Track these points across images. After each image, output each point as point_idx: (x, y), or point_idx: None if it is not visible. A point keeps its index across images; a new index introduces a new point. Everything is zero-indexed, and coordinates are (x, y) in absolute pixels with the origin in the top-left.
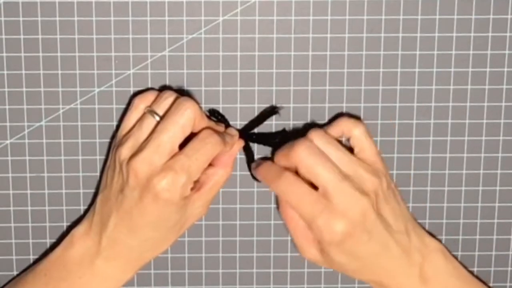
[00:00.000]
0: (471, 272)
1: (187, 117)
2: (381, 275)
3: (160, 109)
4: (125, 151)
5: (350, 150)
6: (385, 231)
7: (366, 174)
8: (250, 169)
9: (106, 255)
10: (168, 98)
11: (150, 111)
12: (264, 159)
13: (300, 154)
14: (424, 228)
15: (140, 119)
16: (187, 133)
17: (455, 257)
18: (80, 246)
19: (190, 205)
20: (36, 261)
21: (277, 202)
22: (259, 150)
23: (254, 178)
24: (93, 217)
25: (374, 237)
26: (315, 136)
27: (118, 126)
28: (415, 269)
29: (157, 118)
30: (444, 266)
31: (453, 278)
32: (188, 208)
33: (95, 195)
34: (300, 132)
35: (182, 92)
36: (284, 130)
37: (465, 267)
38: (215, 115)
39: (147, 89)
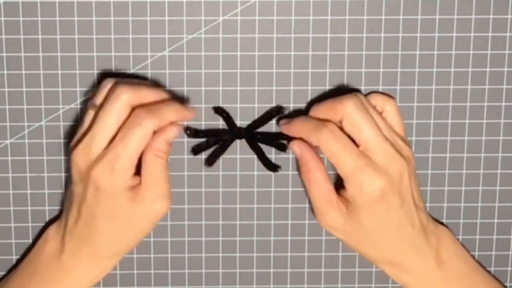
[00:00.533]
0: (474, 257)
1: (120, 104)
2: (399, 255)
3: (99, 99)
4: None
5: None
6: (413, 204)
7: (401, 143)
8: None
9: (70, 251)
10: (106, 86)
11: (91, 104)
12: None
13: (348, 107)
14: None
15: (85, 113)
16: (123, 117)
17: (460, 242)
18: (51, 243)
19: (143, 198)
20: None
21: (297, 167)
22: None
23: (274, 161)
24: (63, 213)
25: (405, 206)
26: (360, 96)
27: None
28: (432, 251)
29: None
30: (455, 250)
31: (461, 261)
32: (141, 202)
33: None
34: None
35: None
36: None
37: (470, 254)
38: (219, 112)
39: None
